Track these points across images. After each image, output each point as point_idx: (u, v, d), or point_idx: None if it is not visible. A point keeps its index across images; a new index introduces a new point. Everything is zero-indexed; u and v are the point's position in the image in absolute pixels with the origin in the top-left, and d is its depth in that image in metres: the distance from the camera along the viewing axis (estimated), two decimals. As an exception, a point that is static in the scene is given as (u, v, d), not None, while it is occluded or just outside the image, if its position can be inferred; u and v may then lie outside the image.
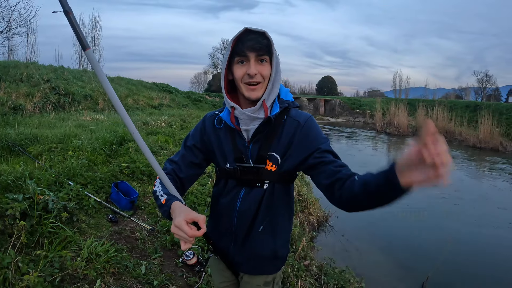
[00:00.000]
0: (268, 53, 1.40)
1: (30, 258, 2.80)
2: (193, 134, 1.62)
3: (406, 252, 5.45)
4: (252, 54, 1.37)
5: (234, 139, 1.50)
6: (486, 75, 53.91)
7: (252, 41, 1.36)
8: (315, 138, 1.42)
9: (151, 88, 23.43)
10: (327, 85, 64.57)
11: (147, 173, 5.68)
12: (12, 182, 3.76)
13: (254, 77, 1.38)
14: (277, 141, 1.45)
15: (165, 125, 10.86)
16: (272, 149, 1.45)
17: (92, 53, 0.95)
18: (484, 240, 6.02)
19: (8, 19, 12.28)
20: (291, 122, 1.46)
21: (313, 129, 1.45)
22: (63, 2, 0.96)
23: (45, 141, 6.17)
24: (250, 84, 1.40)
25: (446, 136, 21.88)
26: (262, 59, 1.39)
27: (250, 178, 1.48)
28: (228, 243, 1.57)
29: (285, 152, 1.44)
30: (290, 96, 1.54)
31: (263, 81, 1.41)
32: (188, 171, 1.57)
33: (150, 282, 3.05)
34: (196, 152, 1.58)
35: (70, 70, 19.21)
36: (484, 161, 14.53)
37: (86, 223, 3.80)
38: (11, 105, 10.73)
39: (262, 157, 1.45)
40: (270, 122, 1.42)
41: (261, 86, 1.41)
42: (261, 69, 1.39)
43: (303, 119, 1.46)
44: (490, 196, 9.12)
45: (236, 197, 1.52)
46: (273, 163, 1.45)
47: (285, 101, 1.48)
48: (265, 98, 1.43)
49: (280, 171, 1.46)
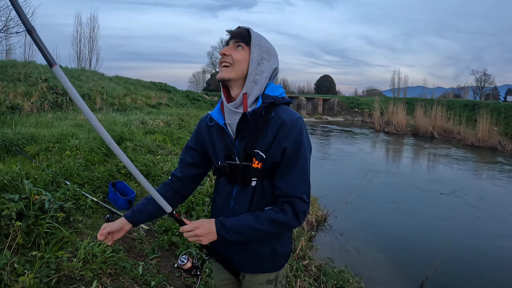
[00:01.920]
0: (244, 41, 1.43)
1: (26, 259, 2.77)
2: (191, 137, 1.67)
3: (405, 252, 5.45)
4: (231, 40, 1.46)
5: (223, 136, 1.50)
6: (485, 74, 54.22)
7: (235, 30, 1.47)
8: (294, 139, 1.39)
9: (149, 87, 23.39)
10: (326, 84, 64.58)
11: (145, 172, 5.65)
12: (9, 182, 3.72)
13: (223, 58, 1.44)
14: (262, 138, 1.42)
15: (163, 124, 10.83)
16: (258, 147, 1.42)
17: (59, 69, 0.92)
18: (483, 239, 6.02)
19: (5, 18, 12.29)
20: (277, 119, 1.41)
21: (296, 130, 1.40)
22: (25, 21, 0.91)
23: (42, 141, 6.13)
24: (221, 65, 1.45)
25: (445, 135, 21.94)
26: (238, 45, 1.44)
27: (239, 176, 1.47)
28: (226, 243, 1.53)
29: (267, 149, 1.42)
30: (279, 91, 1.50)
31: (233, 64, 1.42)
32: (186, 171, 1.64)
33: (147, 282, 3.02)
34: (192, 152, 1.63)
35: (68, 70, 19.17)
36: (482, 160, 14.54)
37: (83, 223, 3.76)
38: (8, 105, 10.65)
39: (248, 155, 1.43)
40: (246, 118, 1.39)
41: (231, 70, 1.42)
42: (234, 53, 1.43)
43: (289, 119, 1.41)
44: (489, 195, 9.14)
45: (230, 195, 1.52)
46: (258, 160, 1.43)
47: (270, 97, 1.43)
48: (247, 92, 1.43)
49: (264, 168, 1.44)
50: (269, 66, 1.46)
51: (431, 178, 11.08)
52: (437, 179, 10.67)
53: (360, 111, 34.97)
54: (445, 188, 9.38)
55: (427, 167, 13.32)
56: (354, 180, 9.10)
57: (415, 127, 23.82)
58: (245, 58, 1.42)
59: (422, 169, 12.88)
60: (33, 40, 0.90)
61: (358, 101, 37.88)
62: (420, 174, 11.73)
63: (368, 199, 7.92)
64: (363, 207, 7.35)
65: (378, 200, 8.06)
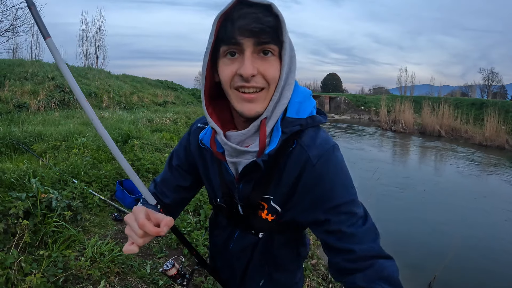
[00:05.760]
0: (276, 40, 0.86)
1: (33, 258, 2.75)
2: (178, 152, 1.23)
3: (413, 251, 5.39)
4: (249, 42, 0.84)
5: (220, 170, 1.08)
6: (492, 72, 53.76)
7: (247, 18, 0.83)
8: (332, 190, 0.92)
9: (156, 85, 23.44)
10: (332, 82, 64.63)
11: (152, 170, 5.64)
12: (16, 181, 3.73)
13: (251, 80, 0.86)
14: (277, 181, 0.98)
15: (170, 122, 10.85)
16: (270, 192, 1.01)
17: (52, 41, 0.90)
18: (493, 238, 5.94)
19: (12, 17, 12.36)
20: (300, 153, 0.94)
21: (331, 172, 0.93)
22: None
23: (50, 139, 6.15)
24: (245, 92, 0.88)
25: (452, 134, 21.78)
26: (265, 49, 0.86)
27: (241, 223, 1.14)
28: (228, 276, 1.31)
29: (286, 201, 1.00)
30: (309, 107, 0.99)
31: (267, 87, 0.88)
32: (175, 196, 1.24)
33: (155, 282, 3.00)
34: (183, 174, 1.22)
35: (74, 68, 19.31)
36: (490, 159, 14.41)
37: (90, 221, 3.76)
38: (15, 103, 10.72)
39: (254, 203, 1.04)
40: (259, 168, 0.92)
41: (264, 96, 0.89)
42: (264, 67, 0.87)
43: (317, 154, 0.93)
44: (498, 194, 9.03)
45: (230, 236, 1.22)
46: (268, 211, 1.03)
47: (295, 121, 0.94)
48: (267, 116, 0.91)
49: (279, 222, 1.05)
50: (295, 65, 0.95)
51: (438, 176, 11.00)
52: (445, 178, 10.58)
53: (367, 109, 34.80)
54: (453, 187, 9.30)
55: (435, 166, 13.21)
56: (362, 178, 9.04)
57: (422, 126, 23.63)
58: (278, 68, 0.89)
59: (429, 167, 12.78)
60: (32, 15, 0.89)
61: (364, 99, 37.71)
62: (427, 172, 11.63)
63: (376, 197, 7.84)
64: (371, 205, 7.21)
65: (386, 198, 7.99)
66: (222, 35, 0.86)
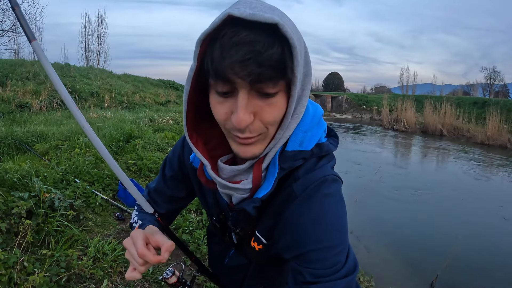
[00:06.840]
0: (283, 75, 0.66)
1: (36, 257, 2.76)
2: (171, 161, 1.14)
3: (415, 250, 5.38)
4: (244, 82, 0.64)
5: (215, 191, 0.97)
6: (494, 71, 53.49)
7: (242, 51, 0.61)
8: (307, 232, 0.78)
9: (157, 85, 23.45)
10: (334, 81, 64.58)
11: (154, 170, 5.64)
12: (18, 180, 3.74)
13: (246, 131, 0.71)
14: (266, 215, 0.89)
15: (172, 122, 10.83)
16: (259, 226, 0.93)
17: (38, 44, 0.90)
18: (495, 238, 5.92)
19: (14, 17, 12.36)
20: (289, 185, 0.83)
21: (313, 209, 0.79)
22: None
23: (52, 139, 6.15)
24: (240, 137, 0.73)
25: (454, 133, 21.73)
26: (266, 92, 0.67)
27: (235, 245, 1.07)
28: (227, 282, 1.33)
29: (270, 233, 0.92)
30: (317, 133, 0.84)
31: (266, 131, 0.74)
32: (169, 206, 1.18)
33: (158, 281, 3.00)
34: (178, 184, 1.14)
35: (76, 68, 19.30)
36: (492, 158, 14.37)
37: (92, 221, 3.76)
38: (17, 103, 10.74)
39: (245, 236, 0.99)
40: (246, 214, 0.85)
41: (264, 137, 0.75)
42: (264, 113, 0.70)
43: (301, 186, 0.81)
44: (500, 193, 9.02)
45: (226, 252, 1.23)
46: (255, 239, 0.96)
47: (297, 155, 0.80)
48: (267, 153, 0.78)
49: (267, 254, 0.98)
50: (308, 90, 0.77)
51: (441, 176, 10.97)
52: (447, 177, 10.55)
53: (369, 108, 34.73)
54: (455, 186, 9.28)
55: (437, 165, 13.18)
56: (364, 178, 9.04)
57: (424, 125, 23.58)
58: (284, 108, 0.73)
59: (432, 167, 12.75)
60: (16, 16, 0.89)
61: (366, 98, 37.62)
62: (430, 172, 11.61)
63: (378, 196, 7.84)
64: (373, 205, 7.28)
65: (388, 198, 7.97)
66: (208, 64, 0.66)
